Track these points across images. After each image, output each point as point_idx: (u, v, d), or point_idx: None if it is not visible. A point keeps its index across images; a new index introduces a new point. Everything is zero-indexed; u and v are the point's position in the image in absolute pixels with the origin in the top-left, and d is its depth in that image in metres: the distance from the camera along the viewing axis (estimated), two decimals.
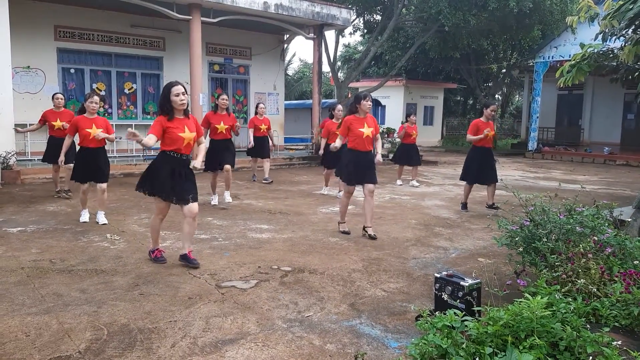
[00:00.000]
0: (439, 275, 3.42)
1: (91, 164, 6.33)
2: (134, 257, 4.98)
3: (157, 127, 4.49)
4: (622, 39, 6.24)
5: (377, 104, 23.50)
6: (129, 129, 4.51)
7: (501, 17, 16.89)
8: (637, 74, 6.66)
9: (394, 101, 23.69)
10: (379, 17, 20.53)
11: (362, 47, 29.33)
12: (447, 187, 10.61)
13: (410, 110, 21.69)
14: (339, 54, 24.73)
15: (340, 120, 8.94)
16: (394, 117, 22.47)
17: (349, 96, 20.11)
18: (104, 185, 6.41)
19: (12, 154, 9.69)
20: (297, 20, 14.12)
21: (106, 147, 6.64)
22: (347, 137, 5.86)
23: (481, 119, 7.51)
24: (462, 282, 3.25)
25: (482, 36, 19.65)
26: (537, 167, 15.33)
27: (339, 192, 8.84)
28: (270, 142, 10.43)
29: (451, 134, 28.37)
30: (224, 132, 7.59)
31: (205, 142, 5.05)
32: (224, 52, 15.53)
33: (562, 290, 3.01)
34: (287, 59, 32.33)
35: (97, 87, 13.07)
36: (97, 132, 6.24)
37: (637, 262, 3.38)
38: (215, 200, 7.86)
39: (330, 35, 33.19)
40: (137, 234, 5.93)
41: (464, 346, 2.23)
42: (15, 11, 10.29)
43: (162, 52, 14.20)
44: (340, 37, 20.99)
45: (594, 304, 2.77)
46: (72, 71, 12.84)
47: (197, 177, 4.87)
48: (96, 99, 6.38)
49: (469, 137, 7.56)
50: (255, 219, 6.92)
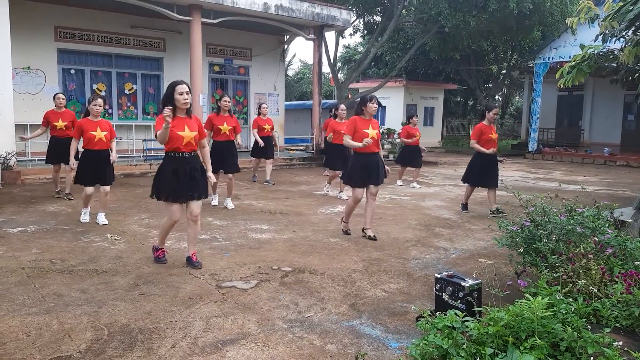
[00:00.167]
0: (439, 275, 3.42)
1: (96, 167, 6.30)
2: (135, 257, 4.98)
3: (160, 124, 4.41)
4: (622, 40, 6.25)
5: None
6: (166, 112, 4.25)
7: (501, 18, 16.90)
8: (637, 75, 6.67)
9: (394, 102, 23.70)
10: (379, 18, 20.55)
11: (362, 48, 29.33)
12: (448, 187, 10.61)
13: (411, 111, 21.70)
14: (339, 55, 24.74)
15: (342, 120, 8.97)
16: (394, 118, 22.47)
17: (349, 97, 20.14)
18: (108, 187, 6.41)
19: (13, 154, 9.69)
20: (297, 21, 14.13)
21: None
22: (352, 139, 5.82)
23: (484, 122, 7.44)
24: (462, 283, 3.25)
25: (482, 37, 19.66)
26: (538, 168, 15.33)
27: (340, 192, 8.86)
28: (273, 142, 10.48)
29: (451, 134, 28.37)
30: (227, 133, 7.60)
31: (207, 147, 4.95)
32: (224, 53, 15.54)
33: (563, 290, 3.01)
34: (287, 59, 32.33)
35: (97, 88, 13.07)
36: (114, 157, 6.47)
37: (638, 262, 3.38)
38: (215, 200, 7.86)
39: (330, 36, 33.29)
40: (138, 234, 5.93)
41: (465, 347, 2.23)
42: (15, 12, 10.30)
43: (163, 53, 14.21)
44: (340, 38, 21.03)
45: (595, 304, 2.77)
46: (73, 72, 12.85)
47: None
48: (100, 101, 6.37)
49: (477, 147, 7.39)
50: (255, 219, 6.92)
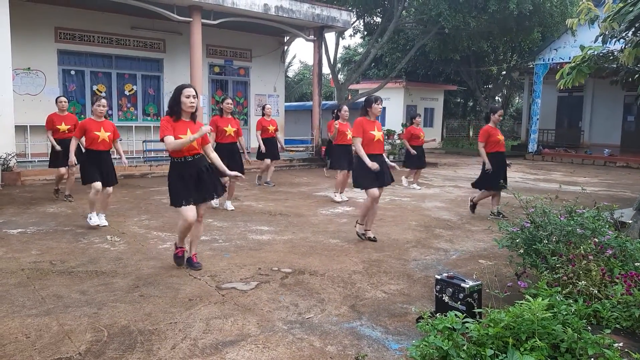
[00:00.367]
0: (439, 276, 3.41)
1: (99, 167, 6.28)
2: (134, 258, 4.98)
3: (167, 128, 4.38)
4: (622, 41, 6.25)
5: None
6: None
7: (501, 20, 16.91)
8: (637, 76, 6.67)
9: (394, 103, 23.71)
10: (379, 19, 20.55)
11: (362, 49, 29.35)
12: (448, 188, 10.61)
13: (411, 112, 21.71)
14: (339, 56, 24.75)
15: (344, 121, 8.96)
16: (394, 119, 22.47)
17: (349, 98, 20.13)
18: (111, 189, 6.41)
19: (13, 155, 9.69)
20: (297, 22, 14.13)
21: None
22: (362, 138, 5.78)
23: (489, 124, 7.44)
24: (462, 284, 3.25)
25: (482, 38, 19.67)
26: (537, 169, 15.33)
27: (339, 193, 8.84)
28: (279, 143, 10.34)
29: (451, 135, 28.38)
30: (232, 134, 7.58)
31: (215, 153, 4.86)
32: (224, 54, 15.56)
33: (563, 292, 3.01)
34: (287, 60, 32.34)
35: (97, 89, 13.08)
36: (125, 161, 6.71)
37: (638, 263, 3.38)
38: (216, 202, 7.85)
39: (330, 37, 33.16)
40: (137, 236, 5.92)
41: (465, 348, 2.23)
42: (15, 13, 10.30)
43: (163, 54, 14.22)
44: (340, 39, 21.03)
45: (595, 305, 2.77)
46: (73, 73, 12.86)
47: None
48: (104, 102, 6.37)
49: (482, 151, 7.32)
50: (255, 220, 6.92)
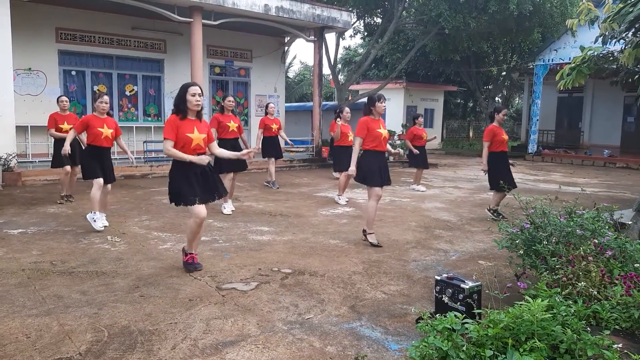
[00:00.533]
0: (439, 277, 3.42)
1: (101, 163, 6.31)
2: (135, 259, 4.98)
3: (171, 131, 4.39)
4: (622, 41, 6.26)
5: None
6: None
7: (501, 20, 16.91)
8: (637, 76, 6.68)
9: (394, 103, 23.70)
10: (379, 20, 20.57)
11: (362, 50, 29.36)
12: (447, 189, 10.61)
13: (412, 112, 21.70)
14: (339, 56, 24.75)
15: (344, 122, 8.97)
16: (395, 119, 22.46)
17: (350, 98, 20.13)
18: (109, 186, 6.42)
19: (13, 155, 9.69)
20: (297, 22, 14.14)
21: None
22: (364, 140, 5.80)
23: (494, 124, 7.46)
24: (462, 285, 3.25)
25: (482, 39, 19.67)
26: (537, 170, 15.33)
27: (344, 198, 8.75)
28: (284, 141, 10.39)
29: (451, 136, 28.37)
30: (235, 130, 7.60)
31: (219, 149, 4.85)
32: (225, 55, 15.56)
33: (563, 293, 3.01)
34: (288, 61, 32.35)
35: (98, 89, 13.08)
36: (131, 155, 6.82)
37: (638, 264, 3.39)
38: (231, 207, 7.76)
39: (330, 37, 33.17)
40: (138, 236, 5.93)
41: (465, 349, 2.24)
42: (16, 13, 10.31)
43: (163, 55, 14.23)
44: (340, 39, 21.04)
45: (595, 306, 2.77)
46: (73, 73, 12.87)
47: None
48: (106, 98, 6.40)
49: (485, 151, 7.35)
50: (255, 221, 6.92)
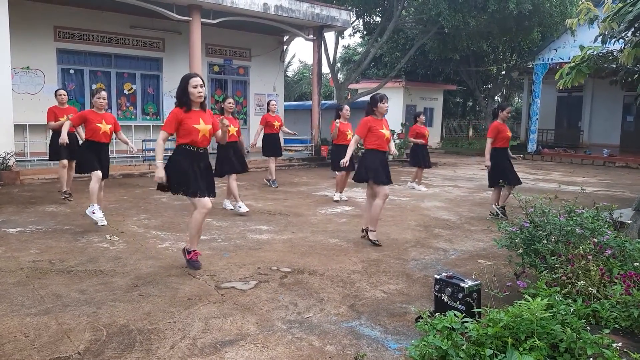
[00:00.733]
0: (438, 276, 3.41)
1: (98, 156, 6.31)
2: (133, 257, 4.97)
3: (171, 123, 4.36)
4: (621, 41, 6.27)
5: None
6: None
7: (501, 19, 16.91)
8: (636, 76, 6.68)
9: (393, 103, 23.63)
10: (378, 19, 20.54)
11: (361, 49, 29.34)
12: (447, 188, 10.61)
13: (411, 111, 21.70)
14: (338, 55, 24.75)
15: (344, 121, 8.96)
16: (394, 118, 22.42)
17: (349, 97, 20.12)
18: (103, 182, 6.43)
19: (12, 154, 9.68)
20: (296, 21, 14.13)
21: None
22: (365, 139, 5.81)
23: (498, 120, 7.47)
24: (462, 284, 3.25)
25: (482, 38, 19.65)
26: (537, 169, 15.33)
27: (339, 193, 8.82)
28: (288, 134, 10.56)
29: (451, 135, 28.36)
30: (235, 134, 7.58)
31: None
32: (224, 53, 15.55)
33: (562, 292, 3.01)
34: (287, 60, 32.31)
35: (96, 88, 13.04)
36: (133, 147, 6.74)
37: (637, 263, 3.39)
38: (244, 208, 7.72)
39: (329, 36, 33.18)
40: (137, 235, 5.92)
41: (464, 348, 2.23)
42: (14, 12, 10.29)
43: (162, 53, 14.21)
44: (339, 38, 21.00)
45: (594, 305, 2.77)
46: (72, 72, 12.85)
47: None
48: (104, 94, 6.41)
49: (488, 147, 7.40)
50: (254, 220, 6.92)
